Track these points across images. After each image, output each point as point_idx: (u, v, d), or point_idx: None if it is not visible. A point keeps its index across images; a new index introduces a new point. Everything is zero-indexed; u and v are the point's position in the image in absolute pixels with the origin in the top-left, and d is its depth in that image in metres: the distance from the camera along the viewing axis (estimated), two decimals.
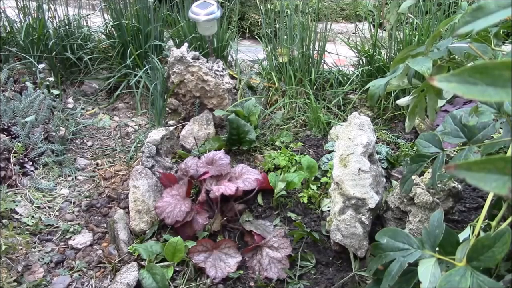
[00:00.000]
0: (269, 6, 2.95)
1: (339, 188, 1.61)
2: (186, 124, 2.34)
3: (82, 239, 1.82)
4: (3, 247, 1.57)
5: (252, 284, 1.63)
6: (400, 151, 2.15)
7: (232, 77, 2.66)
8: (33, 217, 1.89)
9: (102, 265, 1.72)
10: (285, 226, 1.84)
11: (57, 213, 1.94)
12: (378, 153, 2.01)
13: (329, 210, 1.86)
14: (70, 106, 2.61)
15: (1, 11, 2.81)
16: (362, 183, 1.58)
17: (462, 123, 1.29)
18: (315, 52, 2.59)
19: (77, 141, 2.39)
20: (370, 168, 1.61)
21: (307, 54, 2.56)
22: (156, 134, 2.10)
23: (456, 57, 1.25)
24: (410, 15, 2.53)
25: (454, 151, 1.95)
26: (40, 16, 2.74)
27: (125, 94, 2.73)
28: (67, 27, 2.79)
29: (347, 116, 2.15)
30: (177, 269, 1.66)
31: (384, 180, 1.75)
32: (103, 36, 2.87)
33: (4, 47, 2.77)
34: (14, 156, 2.09)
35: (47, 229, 1.86)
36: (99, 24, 2.97)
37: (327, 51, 2.67)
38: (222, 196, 1.75)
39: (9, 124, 2.21)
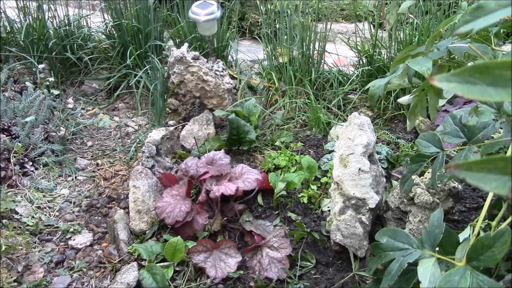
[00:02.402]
0: (269, 6, 2.95)
1: (339, 188, 1.61)
2: (186, 124, 2.34)
3: (82, 239, 1.82)
4: (3, 247, 1.57)
5: (252, 284, 1.63)
6: (400, 151, 2.15)
7: (232, 77, 2.66)
8: (33, 217, 1.89)
9: (102, 265, 1.72)
10: (285, 226, 1.84)
11: (57, 213, 1.94)
12: (378, 153, 2.01)
13: (329, 210, 1.86)
14: (70, 106, 2.61)
15: (1, 11, 2.81)
16: (362, 183, 1.58)
17: (462, 123, 1.29)
18: (315, 52, 2.59)
19: (77, 141, 2.39)
20: (370, 168, 1.61)
21: (307, 54, 2.56)
22: (156, 134, 2.10)
23: (456, 57, 1.25)
24: (410, 15, 2.54)
25: (454, 151, 1.95)
26: (40, 16, 2.74)
27: (125, 94, 2.73)
28: (67, 27, 2.79)
29: (347, 116, 2.15)
30: (177, 269, 1.66)
31: (384, 180, 1.75)
32: (103, 36, 2.87)
33: (4, 47, 2.77)
34: (14, 156, 2.09)
35: (47, 229, 1.86)
36: (99, 24, 2.97)
37: (327, 51, 2.67)
38: (222, 196, 1.75)
39: (9, 124, 2.21)
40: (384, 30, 2.79)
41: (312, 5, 3.05)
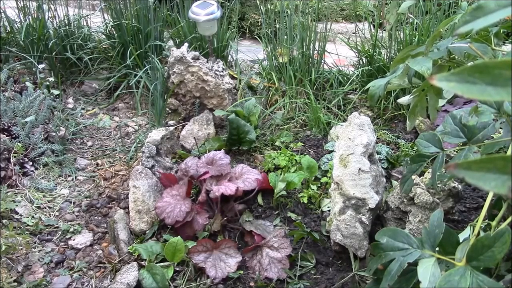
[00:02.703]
0: (269, 6, 2.95)
1: (339, 188, 1.61)
2: (186, 124, 2.34)
3: (82, 239, 1.82)
4: (3, 247, 1.57)
5: (252, 284, 1.63)
6: (400, 151, 2.15)
7: (232, 77, 2.66)
8: (33, 217, 1.89)
9: (102, 265, 1.72)
10: (285, 226, 1.83)
11: (57, 213, 1.94)
12: (378, 153, 2.01)
13: (329, 210, 1.86)
14: (70, 106, 2.61)
15: (1, 11, 2.81)
16: (362, 183, 1.58)
17: (462, 123, 1.29)
18: (315, 52, 2.59)
19: (77, 141, 2.39)
20: (370, 168, 1.61)
21: (307, 54, 2.56)
22: (156, 134, 2.10)
23: (456, 57, 1.25)
24: (410, 15, 2.53)
25: (454, 151, 1.95)
26: (40, 16, 2.74)
27: (125, 94, 2.73)
28: (67, 27, 2.80)
29: (347, 116, 2.15)
30: (177, 269, 1.66)
31: (384, 180, 1.75)
32: (103, 36, 2.87)
33: (4, 47, 2.77)
34: (14, 156, 2.09)
35: (47, 229, 1.86)
36: (99, 24, 2.97)
37: (327, 51, 2.67)
38: (222, 196, 1.75)
39: (9, 124, 2.21)
40: (384, 30, 2.79)
41: (312, 5, 3.05)
